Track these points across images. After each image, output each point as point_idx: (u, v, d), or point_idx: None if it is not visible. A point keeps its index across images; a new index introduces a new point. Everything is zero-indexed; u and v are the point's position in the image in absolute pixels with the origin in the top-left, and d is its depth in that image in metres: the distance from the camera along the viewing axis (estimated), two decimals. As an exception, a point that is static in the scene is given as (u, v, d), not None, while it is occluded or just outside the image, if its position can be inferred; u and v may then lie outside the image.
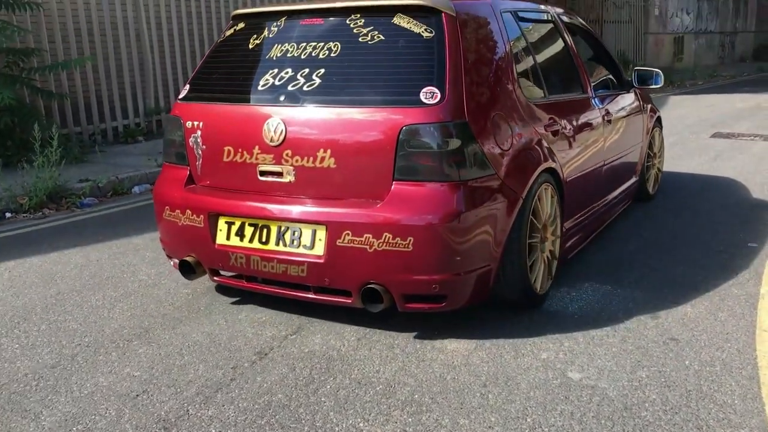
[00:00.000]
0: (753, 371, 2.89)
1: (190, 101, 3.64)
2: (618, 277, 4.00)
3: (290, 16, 3.53)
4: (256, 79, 3.41)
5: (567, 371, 2.91)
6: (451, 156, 3.01)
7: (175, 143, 3.61)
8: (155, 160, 7.25)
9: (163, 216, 3.58)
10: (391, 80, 3.20)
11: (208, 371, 2.95)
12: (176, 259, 3.61)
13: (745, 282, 3.89)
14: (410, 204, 3.00)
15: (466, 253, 3.07)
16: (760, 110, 11.75)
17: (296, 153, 3.19)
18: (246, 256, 3.27)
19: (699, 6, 23.06)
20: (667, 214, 5.31)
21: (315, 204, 3.17)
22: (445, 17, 3.19)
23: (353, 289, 3.13)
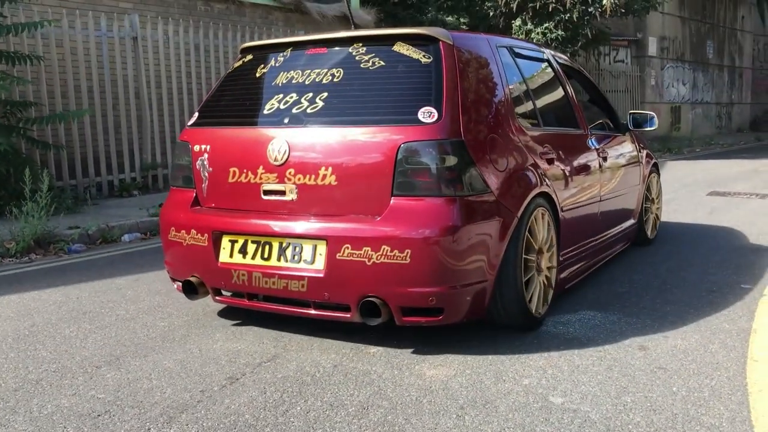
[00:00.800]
0: (743, 397, 2.77)
1: (198, 127, 3.78)
2: (607, 312, 3.90)
3: (296, 47, 3.73)
4: (262, 104, 3.56)
5: (549, 396, 2.79)
6: (448, 172, 3.11)
7: (183, 167, 3.74)
8: (147, 210, 7.24)
9: (168, 237, 3.67)
10: (391, 101, 3.35)
11: (176, 394, 2.84)
12: (179, 282, 3.67)
13: (737, 318, 3.78)
14: (408, 218, 3.08)
15: (462, 267, 3.12)
16: (756, 173, 11.80)
17: (299, 171, 3.30)
18: (248, 272, 3.33)
19: (694, 77, 23.51)
20: (660, 259, 5.23)
21: (316, 220, 3.25)
22: (443, 45, 3.37)
23: (352, 303, 3.16)
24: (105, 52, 8.53)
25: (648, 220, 5.79)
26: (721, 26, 24.99)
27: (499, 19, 14.75)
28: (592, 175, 4.44)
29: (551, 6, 13.74)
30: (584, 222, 4.35)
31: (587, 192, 4.34)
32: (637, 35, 20.30)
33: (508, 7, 14.20)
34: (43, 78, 7.93)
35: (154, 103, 9.19)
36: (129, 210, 7.50)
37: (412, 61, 3.35)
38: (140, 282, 4.80)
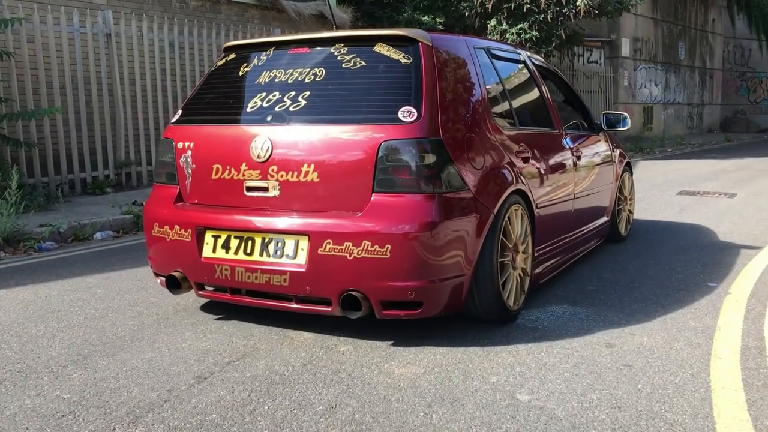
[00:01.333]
0: (706, 394, 2.82)
1: (182, 124, 3.83)
2: (576, 310, 3.94)
3: (278, 47, 3.80)
4: (246, 101, 3.63)
5: (516, 393, 2.82)
6: (427, 170, 3.20)
7: (166, 164, 3.79)
8: (120, 207, 7.17)
9: (152, 233, 3.73)
10: (372, 101, 3.43)
11: (143, 393, 2.82)
12: (162, 276, 3.72)
13: (703, 316, 3.85)
14: (388, 214, 3.17)
15: (440, 262, 3.21)
16: (725, 173, 11.98)
17: (282, 168, 3.36)
18: (231, 267, 3.40)
19: (666, 78, 23.80)
20: (629, 257, 5.29)
21: (298, 216, 3.32)
22: (422, 46, 3.45)
23: (333, 297, 3.24)
24: (78, 49, 8.42)
25: (621, 218, 5.93)
26: (692, 28, 25.33)
27: (474, 19, 14.80)
28: (567, 173, 4.55)
29: (526, 7, 13.83)
30: (558, 219, 4.45)
31: (561, 190, 4.45)
32: (611, 36, 20.51)
33: (483, 7, 14.26)
34: (13, 74, 7.81)
35: (128, 101, 9.10)
36: (102, 208, 7.42)
37: (393, 61, 3.44)
38: (111, 280, 4.76)
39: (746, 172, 12.02)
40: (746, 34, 29.05)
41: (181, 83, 9.75)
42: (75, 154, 8.46)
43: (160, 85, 9.46)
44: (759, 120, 28.24)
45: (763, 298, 4.16)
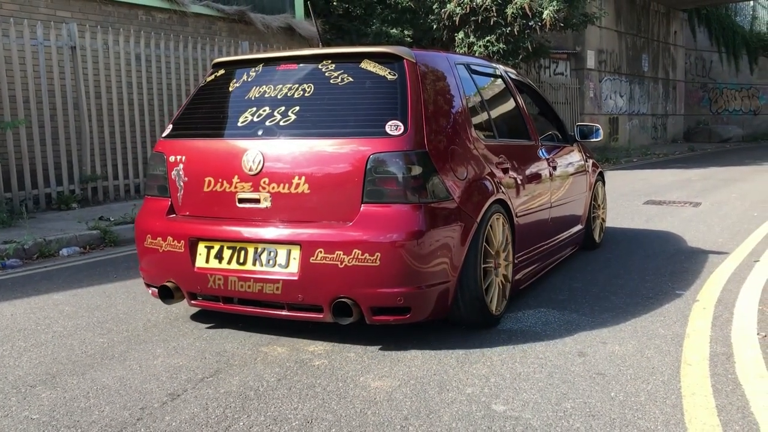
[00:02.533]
0: (677, 400, 2.86)
1: (173, 138, 3.91)
2: (548, 320, 3.97)
3: (267, 63, 3.92)
4: (236, 116, 3.74)
5: (491, 404, 2.83)
6: (413, 181, 3.33)
7: (158, 177, 3.87)
8: (86, 223, 7.06)
9: (144, 244, 3.79)
10: (360, 115, 3.56)
11: (114, 412, 2.77)
12: (155, 287, 3.79)
13: (672, 323, 3.91)
14: (377, 223, 3.29)
15: (427, 269, 3.34)
16: (690, 182, 12.22)
17: (273, 180, 3.47)
18: (224, 277, 3.49)
19: (631, 89, 24.23)
20: (599, 267, 5.36)
21: (290, 226, 3.43)
22: (407, 63, 3.59)
23: (325, 304, 3.34)
24: (42, 62, 8.30)
25: (596, 225, 6.12)
26: (655, 40, 25.86)
27: (442, 32, 14.93)
28: (543, 183, 4.71)
29: (493, 20, 13.99)
30: (536, 227, 4.60)
31: (539, 199, 4.61)
32: (576, 48, 20.84)
33: (451, 20, 14.39)
34: (-25, 88, 7.66)
35: (94, 114, 8.99)
36: (68, 223, 7.30)
37: (379, 77, 3.57)
38: (79, 297, 4.67)
39: (710, 182, 12.27)
40: (707, 46, 29.77)
41: (147, 96, 9.65)
42: (39, 168, 8.31)
43: (126, 98, 9.36)
44: (721, 130, 28.87)
45: (730, 305, 4.25)
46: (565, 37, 19.46)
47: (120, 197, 9.18)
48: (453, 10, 14.20)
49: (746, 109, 31.53)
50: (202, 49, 10.37)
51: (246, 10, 11.62)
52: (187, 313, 4.21)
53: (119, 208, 8.22)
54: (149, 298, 4.60)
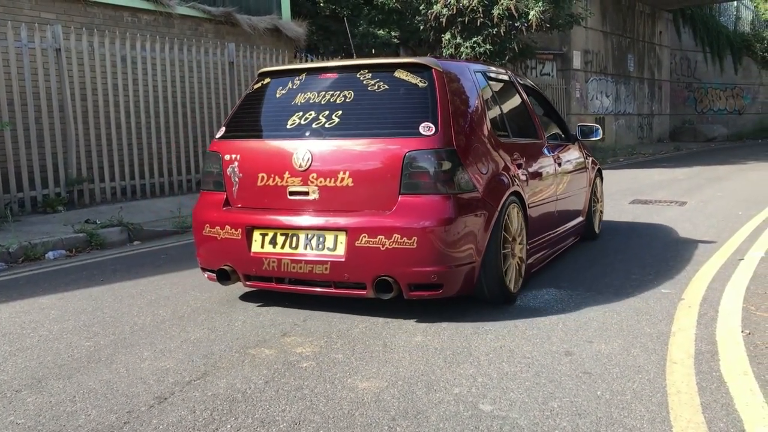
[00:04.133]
0: (662, 398, 2.89)
1: (227, 139, 4.37)
2: (534, 320, 3.99)
3: (310, 72, 4.38)
4: (285, 120, 4.20)
5: (479, 404, 2.84)
6: (443, 175, 3.80)
7: (213, 174, 4.34)
8: (72, 226, 7.02)
9: (203, 233, 4.25)
10: (396, 118, 4.03)
11: (101, 416, 2.76)
12: (212, 270, 4.24)
13: (658, 322, 3.93)
14: (414, 212, 3.76)
15: (456, 250, 3.81)
16: (676, 182, 12.31)
17: (320, 175, 3.95)
18: (278, 259, 3.96)
19: (617, 89, 24.37)
20: (585, 266, 5.39)
21: (336, 215, 3.89)
22: (435, 72, 4.05)
23: (368, 282, 3.81)
24: (26, 64, 8.24)
25: (595, 218, 6.60)
26: (640, 41, 26.01)
27: (429, 33, 14.96)
28: (550, 178, 5.18)
29: (479, 21, 14.03)
30: (545, 217, 5.07)
31: (547, 192, 5.08)
32: (562, 49, 20.93)
33: (437, 21, 14.42)
34: (-42, 90, 7.60)
35: (80, 117, 8.93)
36: (54, 226, 7.26)
37: (411, 85, 4.04)
38: (65, 300, 4.65)
39: (696, 181, 12.36)
40: (692, 46, 29.98)
41: (134, 98, 9.61)
42: (25, 171, 8.26)
43: (112, 100, 9.31)
44: (706, 129, 29.09)
45: (715, 304, 4.28)
46: (552, 38, 19.54)
47: (107, 200, 9.13)
48: (439, 11, 14.24)
49: (731, 109, 31.78)
50: (189, 51, 10.34)
51: (232, 11, 11.59)
52: (174, 315, 4.20)
53: (106, 211, 8.18)
54: (136, 301, 4.59)
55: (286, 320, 4.04)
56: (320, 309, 4.25)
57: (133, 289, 4.94)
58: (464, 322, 3.94)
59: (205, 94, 10.65)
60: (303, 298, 4.40)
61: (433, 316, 4.06)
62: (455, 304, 4.27)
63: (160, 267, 5.76)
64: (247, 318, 4.11)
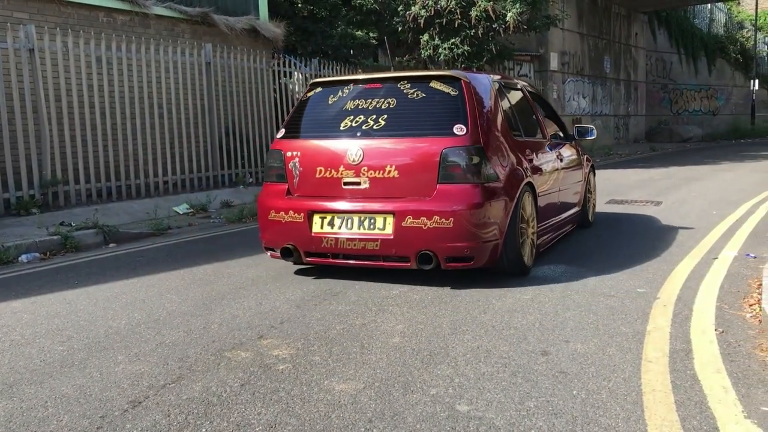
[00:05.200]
0: (637, 397, 2.91)
1: (287, 139, 5.16)
2: (511, 320, 4.00)
3: (356, 83, 5.16)
4: (339, 122, 4.97)
5: (455, 405, 2.84)
6: (473, 168, 4.59)
7: (276, 168, 5.12)
8: (47, 228, 6.93)
9: (268, 218, 5.03)
10: (432, 121, 4.83)
11: (73, 421, 2.72)
12: (275, 249, 5.04)
13: (633, 321, 3.97)
14: (450, 198, 4.55)
15: (484, 229, 4.59)
16: (652, 182, 12.43)
17: (370, 168, 4.74)
18: (335, 238, 4.76)
19: (594, 90, 24.58)
20: (561, 267, 5.42)
21: (384, 201, 4.68)
22: (463, 82, 4.85)
23: (411, 255, 4.60)
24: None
25: (589, 207, 7.36)
26: (616, 42, 26.26)
27: (407, 34, 14.98)
28: (554, 172, 5.95)
29: (457, 22, 14.08)
30: (550, 206, 5.81)
31: (551, 184, 5.83)
32: (540, 51, 21.07)
33: (415, 22, 14.45)
34: (-72, 91, 7.46)
35: (54, 118, 8.81)
36: (27, 229, 7.15)
37: (444, 93, 4.84)
38: (38, 304, 4.58)
39: (671, 181, 12.50)
40: (667, 47, 30.33)
41: (109, 99, 9.51)
42: (-3, 173, 8.13)
43: (87, 101, 9.20)
44: (681, 130, 29.43)
45: (689, 303, 4.33)
46: (529, 40, 19.66)
47: (82, 202, 9.02)
48: (418, 13, 14.27)
49: (705, 110, 32.21)
50: (165, 52, 10.25)
51: (209, 11, 11.51)
52: (150, 318, 4.16)
53: (81, 213, 8.08)
54: (110, 304, 4.54)
55: (263, 323, 4.02)
56: (297, 310, 4.23)
57: (108, 292, 4.89)
58: (442, 325, 3.94)
59: (182, 95, 10.57)
60: (282, 293, 4.37)
61: (410, 318, 4.06)
62: (432, 304, 4.27)
63: (135, 270, 5.70)
64: (224, 321, 4.08)
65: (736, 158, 18.50)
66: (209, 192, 10.20)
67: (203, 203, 9.46)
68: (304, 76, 13.62)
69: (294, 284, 4.97)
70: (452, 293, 4.62)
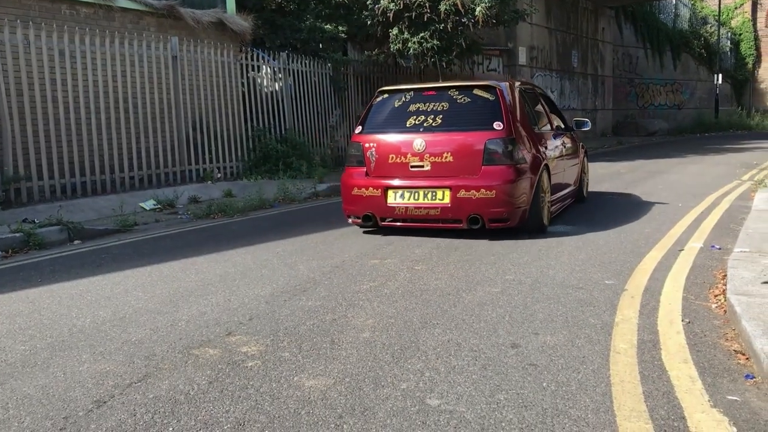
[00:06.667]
0: (606, 388, 2.93)
1: (364, 134, 6.67)
2: (480, 313, 4.01)
3: (416, 91, 6.70)
4: (405, 121, 6.50)
5: (426, 399, 2.83)
6: (508, 153, 6.11)
7: (356, 155, 6.63)
8: (9, 226, 6.77)
9: (352, 193, 6.56)
10: (477, 119, 6.31)
11: (36, 423, 2.66)
12: (358, 216, 6.56)
13: (602, 313, 4.00)
14: (492, 175, 6.08)
15: (516, 198, 6.10)
16: (618, 175, 12.56)
17: (431, 155, 6.26)
18: (405, 207, 6.31)
19: (562, 84, 24.77)
20: (529, 259, 5.44)
21: (442, 179, 6.20)
22: (498, 90, 6.40)
23: (463, 218, 6.16)
24: (-44, 58, 7.90)
25: (584, 185, 8.99)
26: (584, 37, 26.49)
27: (376, 27, 14.92)
28: (561, 156, 7.50)
29: (426, 16, 14.05)
30: (558, 183, 7.34)
31: (559, 166, 7.35)
32: (508, 45, 21.16)
33: (384, 16, 14.39)
34: None
35: (15, 113, 8.61)
36: (-13, 227, 6.98)
37: (485, 98, 6.39)
38: (0, 303, 4.48)
39: (638, 173, 12.65)
40: (633, 42, 30.69)
41: (73, 93, 9.32)
42: (-43, 170, 7.92)
43: (50, 96, 9.01)
44: (647, 124, 29.81)
45: (656, 294, 4.37)
46: (498, 34, 19.74)
47: (46, 198, 8.83)
48: (387, 6, 14.21)
49: (671, 104, 32.68)
50: (130, 45, 10.08)
51: (175, 4, 11.33)
52: (115, 316, 4.09)
53: (45, 210, 7.91)
54: (75, 302, 4.45)
55: (231, 319, 3.97)
56: (266, 306, 4.19)
57: (73, 290, 4.79)
58: (413, 319, 3.93)
59: (148, 89, 10.40)
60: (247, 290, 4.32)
61: (380, 313, 4.05)
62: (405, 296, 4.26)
63: (101, 267, 5.60)
64: (191, 317, 4.02)
65: (701, 151, 18.80)
66: (176, 187, 10.07)
67: (170, 199, 9.33)
68: (272, 69, 13.50)
69: (263, 280, 4.92)
70: (422, 287, 4.61)
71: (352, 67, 15.65)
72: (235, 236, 6.99)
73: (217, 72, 11.72)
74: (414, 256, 5.65)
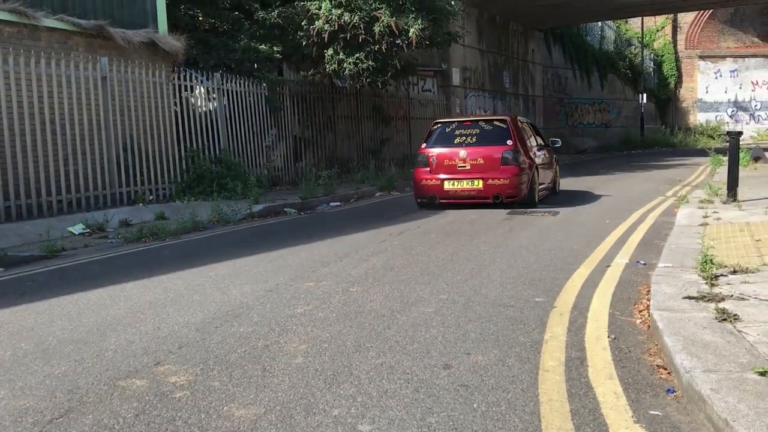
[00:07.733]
0: (535, 407, 2.98)
1: (427, 148, 10.80)
2: (414, 335, 4.03)
3: (459, 122, 11.04)
4: (453, 140, 10.69)
5: (357, 425, 2.82)
6: (515, 159, 10.31)
7: (423, 160, 10.73)
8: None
9: (421, 183, 10.70)
10: (497, 138, 10.53)
11: (-53, 466, 2.53)
12: (424, 198, 10.71)
13: (531, 330, 4.07)
14: (506, 172, 10.24)
15: (522, 185, 10.30)
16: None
17: (471, 160, 10.41)
18: (455, 191, 10.48)
19: (494, 104, 25.31)
20: (462, 278, 5.50)
21: (478, 174, 10.34)
22: (508, 120, 10.84)
23: (490, 196, 10.27)
24: None
25: (557, 183, 12.98)
26: (515, 58, 27.18)
27: (312, 48, 14.97)
28: (543, 163, 11.45)
29: (361, 37, 14.18)
30: (543, 180, 11.32)
31: (543, 168, 11.33)
32: (442, 66, 21.51)
33: (320, 37, 14.45)
34: None
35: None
36: None
37: (501, 127, 10.67)
38: None
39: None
40: (562, 63, 31.66)
41: (27, 94, 8.97)
42: None
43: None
44: (577, 142, 30.73)
45: (584, 310, 4.49)
46: (432, 55, 20.05)
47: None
48: (321, 27, 14.28)
49: (599, 122, 33.78)
50: (57, 65, 9.83)
51: (105, 24, 11.10)
52: (38, 348, 3.94)
53: (-37, 237, 7.59)
54: None
55: (160, 348, 3.88)
56: (197, 334, 4.11)
57: (-7, 322, 4.60)
58: (347, 342, 3.92)
59: (76, 110, 10.15)
60: (179, 323, 4.22)
61: (314, 338, 4.02)
62: (337, 322, 4.23)
63: (24, 295, 5.40)
64: (119, 347, 3.91)
65: (628, 168, 19.45)
66: (107, 211, 9.82)
67: (100, 223, 9.09)
68: (206, 89, 13.35)
69: (194, 306, 4.83)
70: (357, 309, 4.61)
71: (288, 87, 15.63)
72: (166, 260, 6.84)
73: (148, 92, 11.53)
74: (350, 277, 5.65)
